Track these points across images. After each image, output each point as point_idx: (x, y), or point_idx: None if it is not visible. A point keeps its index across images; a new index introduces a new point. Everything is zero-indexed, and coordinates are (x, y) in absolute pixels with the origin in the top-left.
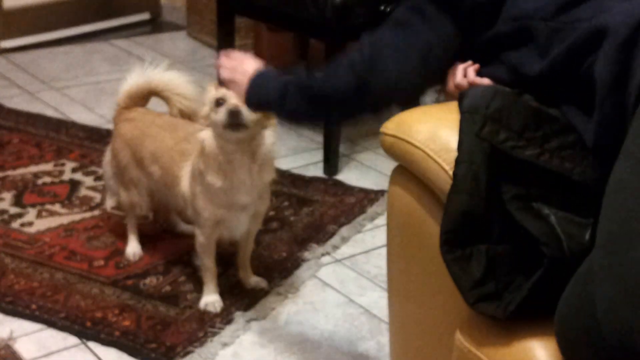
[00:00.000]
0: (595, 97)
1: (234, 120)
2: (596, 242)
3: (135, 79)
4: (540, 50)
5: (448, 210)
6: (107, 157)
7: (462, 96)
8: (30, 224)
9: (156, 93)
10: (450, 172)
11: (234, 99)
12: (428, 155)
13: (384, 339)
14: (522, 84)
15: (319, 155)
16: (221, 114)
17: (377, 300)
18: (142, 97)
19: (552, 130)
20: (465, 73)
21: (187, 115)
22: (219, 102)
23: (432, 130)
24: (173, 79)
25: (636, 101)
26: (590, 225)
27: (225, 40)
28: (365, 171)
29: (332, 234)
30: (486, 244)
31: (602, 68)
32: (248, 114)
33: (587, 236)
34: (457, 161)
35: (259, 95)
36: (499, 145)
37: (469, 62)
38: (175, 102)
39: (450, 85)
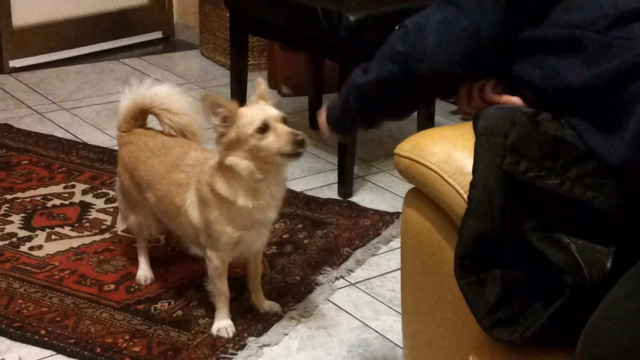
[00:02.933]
0: (622, 115)
1: (301, 150)
2: None
3: (125, 100)
4: (586, 62)
5: (462, 235)
6: (118, 180)
7: (477, 118)
8: (39, 247)
9: (148, 111)
10: (465, 196)
11: (280, 124)
12: (443, 177)
13: None
14: (556, 92)
15: (333, 177)
16: (278, 141)
17: (392, 324)
18: (136, 118)
19: (572, 158)
20: (480, 91)
21: (179, 132)
22: (263, 129)
23: (447, 153)
24: (158, 94)
25: None
26: (612, 253)
27: (238, 60)
28: (380, 193)
29: (347, 257)
30: (501, 269)
31: None
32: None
33: (608, 264)
34: (472, 185)
35: (334, 116)
36: (520, 177)
37: (484, 80)
38: (163, 118)
39: (463, 105)
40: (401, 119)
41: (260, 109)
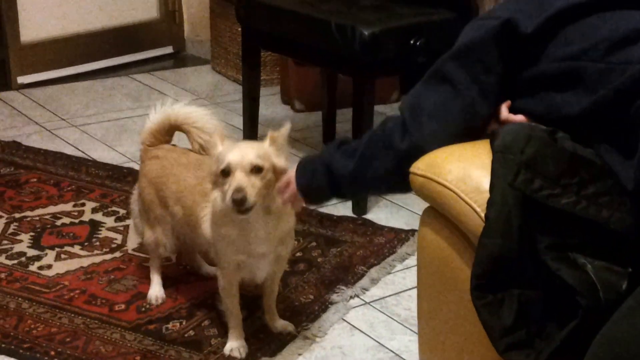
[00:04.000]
0: (637, 140)
1: (239, 207)
2: None
3: (156, 115)
4: (587, 91)
5: (479, 254)
6: (135, 195)
7: (494, 135)
8: (49, 266)
9: (177, 128)
10: (482, 214)
11: (240, 173)
12: (459, 196)
13: None
14: (560, 124)
15: None
16: (226, 192)
17: (408, 344)
18: (164, 134)
19: (589, 175)
20: (498, 112)
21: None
22: (225, 173)
23: (464, 171)
24: (192, 113)
25: None
26: (627, 275)
27: (250, 75)
28: (395, 210)
29: (361, 276)
30: (518, 289)
31: None
32: (253, 194)
33: (624, 285)
34: (489, 203)
35: (308, 181)
36: (533, 195)
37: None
38: (194, 136)
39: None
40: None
41: (241, 149)
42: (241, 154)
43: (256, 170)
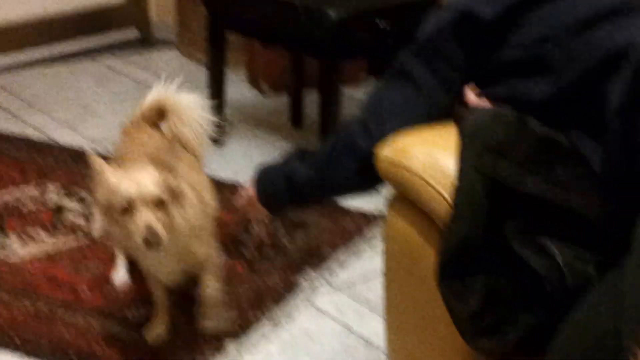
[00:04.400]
0: (605, 124)
1: (152, 243)
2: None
3: (150, 95)
4: (552, 77)
5: (446, 240)
6: None
7: (461, 120)
8: (13, 251)
9: (164, 111)
10: (449, 200)
11: (145, 210)
12: (426, 181)
13: None
14: (526, 109)
15: None
16: (131, 231)
17: (377, 329)
18: (152, 115)
19: (557, 159)
20: (466, 97)
21: (179, 141)
22: (125, 210)
23: (430, 156)
24: (179, 101)
25: None
26: (595, 259)
27: (216, 57)
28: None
29: (329, 259)
30: (485, 275)
31: (616, 92)
32: (165, 232)
33: (591, 271)
34: (456, 189)
35: (267, 191)
36: (502, 180)
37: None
38: (169, 121)
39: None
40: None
41: (136, 179)
42: (139, 185)
43: (159, 203)
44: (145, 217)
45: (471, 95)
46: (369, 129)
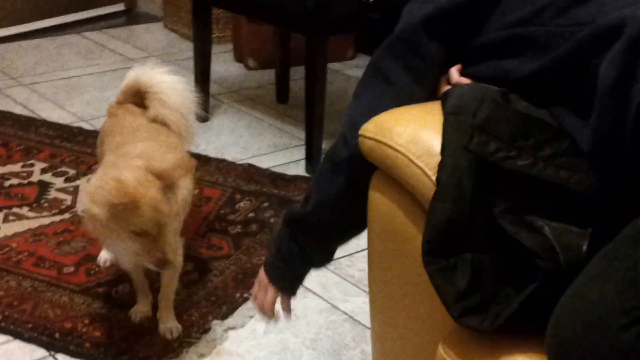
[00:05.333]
0: (594, 100)
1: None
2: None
3: (130, 73)
4: (537, 56)
5: (431, 219)
6: None
7: (446, 96)
8: None
9: (145, 92)
10: (433, 178)
11: (162, 240)
12: (409, 159)
13: (369, 347)
14: (510, 87)
15: (300, 153)
16: (147, 251)
17: (362, 306)
18: (132, 94)
19: (544, 137)
20: (448, 75)
21: (163, 123)
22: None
23: (414, 133)
24: (161, 82)
25: (638, 108)
26: (588, 235)
27: (201, 33)
28: None
29: None
30: (471, 253)
31: (607, 69)
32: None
33: (584, 247)
34: (441, 166)
35: (282, 274)
36: (489, 158)
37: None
38: (151, 104)
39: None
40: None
41: (157, 205)
42: (158, 213)
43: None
44: (164, 245)
45: (455, 75)
46: (347, 139)
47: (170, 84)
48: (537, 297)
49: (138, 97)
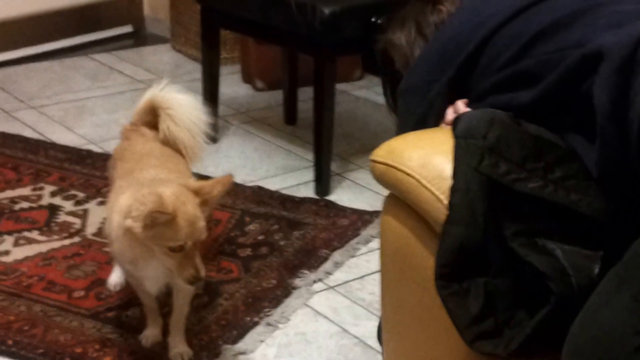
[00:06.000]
0: (593, 124)
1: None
2: None
3: (149, 93)
4: (533, 86)
5: (443, 242)
6: None
7: (457, 121)
8: (6, 252)
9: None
10: (445, 202)
11: (196, 255)
12: (421, 183)
13: None
14: (517, 115)
15: (309, 175)
16: (181, 269)
17: (373, 329)
18: (146, 115)
19: (555, 159)
20: (455, 107)
21: (174, 143)
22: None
23: (425, 157)
24: (172, 100)
25: (639, 129)
26: (599, 258)
27: (210, 54)
28: (359, 191)
29: (325, 259)
30: (484, 277)
31: (599, 94)
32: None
33: (596, 269)
34: (452, 190)
35: None
36: (500, 179)
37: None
38: (163, 123)
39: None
40: None
41: (194, 222)
42: (195, 229)
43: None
44: (197, 262)
45: (462, 107)
46: None
47: (181, 101)
48: (551, 321)
49: (152, 117)
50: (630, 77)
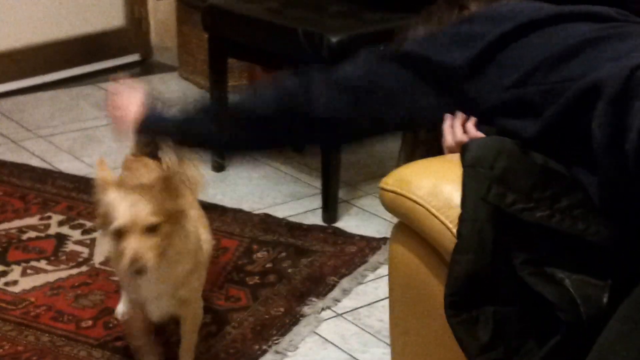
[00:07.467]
0: (595, 156)
1: (137, 274)
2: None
3: None
4: (536, 116)
5: (452, 271)
6: None
7: (465, 149)
8: (14, 282)
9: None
10: (454, 230)
11: (134, 237)
12: (430, 212)
13: None
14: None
15: (317, 202)
16: (119, 254)
17: (381, 357)
18: (147, 145)
19: (561, 188)
20: (464, 128)
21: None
22: (117, 234)
23: (434, 186)
24: None
25: (636, 161)
26: (608, 287)
27: (217, 82)
28: (367, 218)
29: (333, 287)
30: (493, 306)
31: (595, 129)
32: (151, 258)
33: (605, 299)
34: (461, 219)
35: (154, 123)
36: (507, 209)
37: (463, 116)
38: (164, 154)
39: (449, 140)
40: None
41: (133, 205)
42: (133, 212)
43: (152, 229)
44: (134, 246)
45: (472, 130)
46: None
47: None
48: (560, 351)
49: (151, 148)
50: (623, 112)
